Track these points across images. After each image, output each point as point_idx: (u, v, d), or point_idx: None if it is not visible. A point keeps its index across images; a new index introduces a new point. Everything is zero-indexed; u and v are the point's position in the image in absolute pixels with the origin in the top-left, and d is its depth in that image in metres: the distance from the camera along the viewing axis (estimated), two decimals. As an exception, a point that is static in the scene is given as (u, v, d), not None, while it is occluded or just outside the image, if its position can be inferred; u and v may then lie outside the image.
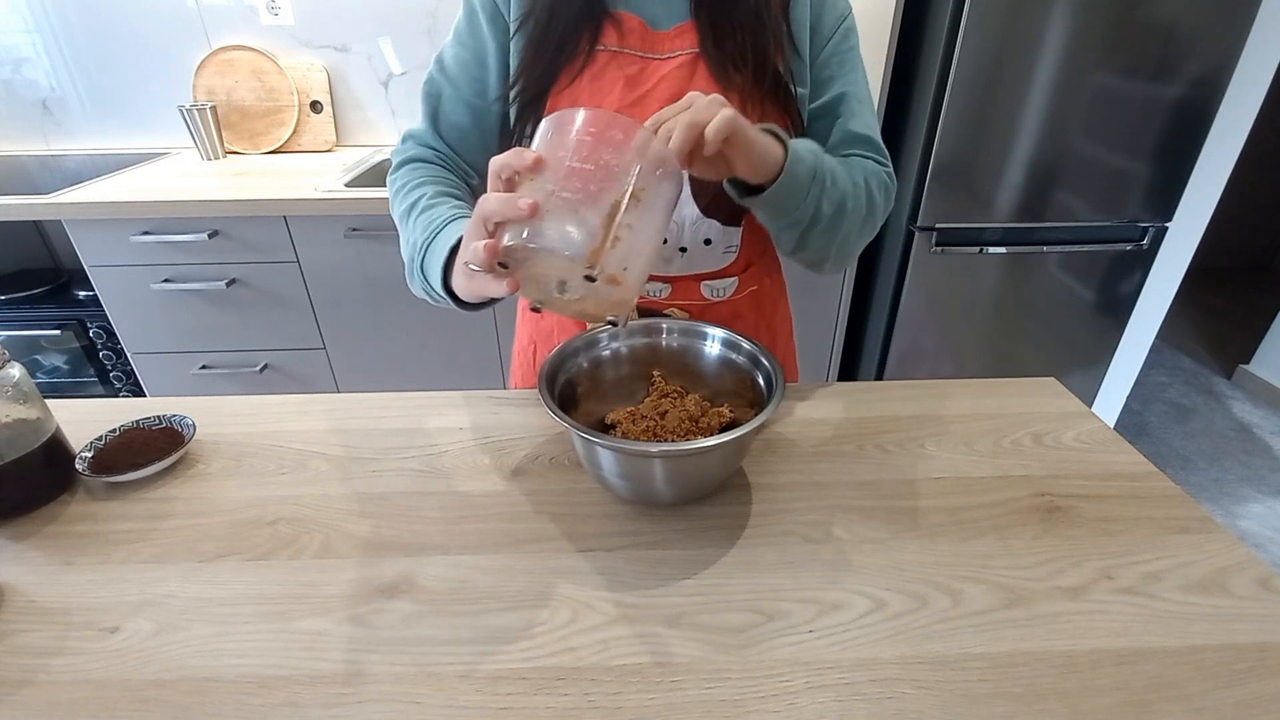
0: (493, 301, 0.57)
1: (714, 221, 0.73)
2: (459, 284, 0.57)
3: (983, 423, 0.72)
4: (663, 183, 0.49)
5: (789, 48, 0.70)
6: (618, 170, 0.46)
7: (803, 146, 0.59)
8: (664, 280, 0.76)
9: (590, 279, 0.45)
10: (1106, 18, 1.40)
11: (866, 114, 0.73)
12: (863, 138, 0.72)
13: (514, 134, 0.72)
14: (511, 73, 0.70)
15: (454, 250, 0.60)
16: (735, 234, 0.75)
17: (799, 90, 0.71)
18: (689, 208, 0.71)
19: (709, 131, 0.49)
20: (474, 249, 0.45)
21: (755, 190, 0.59)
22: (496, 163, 0.47)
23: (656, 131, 0.50)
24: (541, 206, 0.44)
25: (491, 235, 0.46)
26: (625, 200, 0.46)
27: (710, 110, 0.50)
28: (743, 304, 0.80)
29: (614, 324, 0.62)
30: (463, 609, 0.50)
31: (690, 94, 0.52)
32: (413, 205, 0.68)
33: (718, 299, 0.79)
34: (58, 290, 1.83)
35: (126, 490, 0.62)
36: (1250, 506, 2.00)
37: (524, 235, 0.44)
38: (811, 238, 0.64)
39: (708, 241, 0.74)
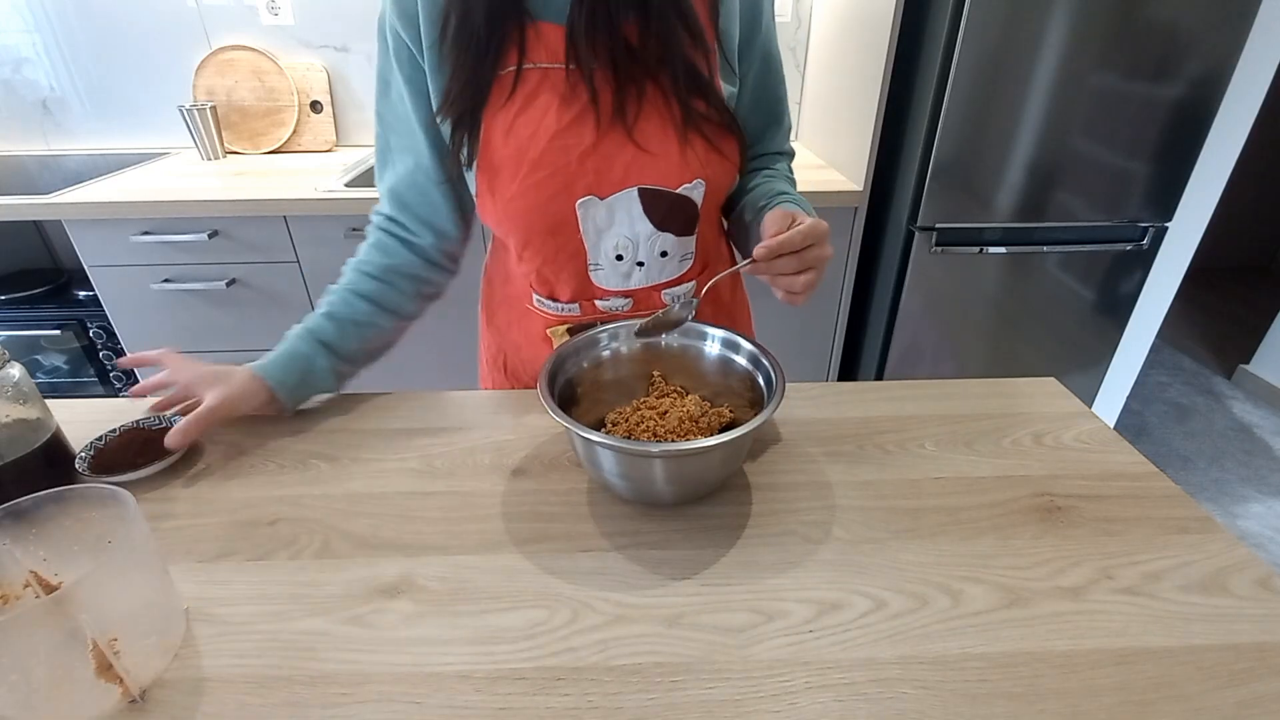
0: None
1: (668, 234, 0.72)
2: None
3: (983, 423, 0.72)
4: None
5: (721, 61, 0.68)
6: None
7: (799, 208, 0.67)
8: (624, 295, 0.76)
9: None
10: (1106, 18, 1.40)
11: (787, 96, 0.80)
12: (788, 131, 0.82)
13: (451, 152, 0.68)
14: (434, 90, 0.67)
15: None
16: (690, 242, 0.75)
17: (728, 88, 0.70)
18: (642, 224, 0.70)
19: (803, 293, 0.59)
20: None
21: None
22: None
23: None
24: None
25: None
26: None
27: (820, 270, 0.59)
28: (702, 303, 0.80)
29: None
30: (463, 609, 0.50)
31: (823, 231, 0.58)
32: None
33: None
34: (58, 290, 1.83)
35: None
36: (1250, 506, 2.00)
37: None
38: None
39: (664, 254, 0.74)
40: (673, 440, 0.60)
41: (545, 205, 0.68)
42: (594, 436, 0.52)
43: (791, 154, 0.84)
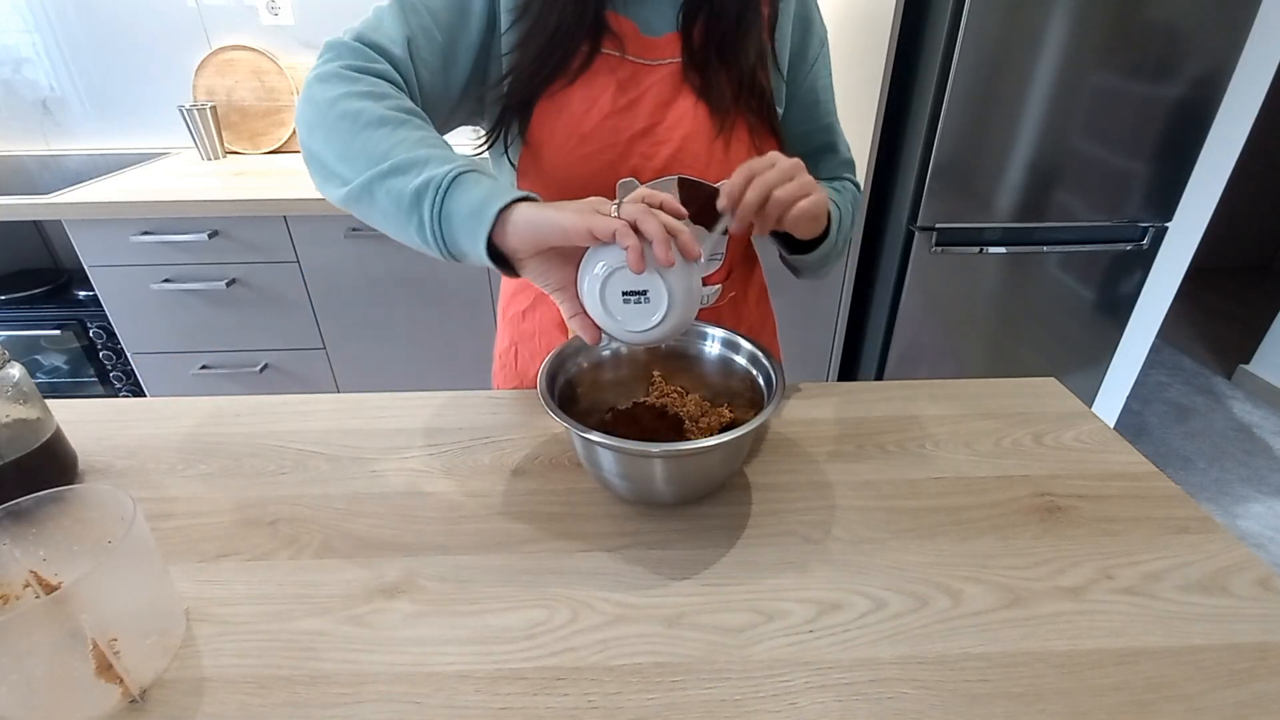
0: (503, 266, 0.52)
1: (700, 229, 0.72)
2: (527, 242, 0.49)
3: (983, 423, 0.72)
4: None
5: (772, 67, 0.70)
6: None
7: (833, 201, 0.68)
8: None
9: None
10: (1106, 18, 1.40)
11: (842, 130, 0.80)
12: (848, 162, 0.81)
13: (496, 132, 0.69)
14: (503, 68, 0.67)
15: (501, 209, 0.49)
16: (721, 242, 0.75)
17: (779, 110, 0.72)
18: None
19: (796, 203, 0.57)
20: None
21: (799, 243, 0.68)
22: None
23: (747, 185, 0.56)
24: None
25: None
26: None
27: (799, 180, 0.57)
28: (724, 310, 0.80)
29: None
30: (463, 609, 0.50)
31: (772, 154, 0.57)
32: (411, 126, 0.55)
33: (702, 306, 0.78)
34: (58, 290, 1.83)
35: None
36: (1250, 506, 2.00)
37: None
38: (814, 273, 0.76)
39: None
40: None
41: (587, 180, 0.68)
42: (594, 436, 0.52)
43: (856, 185, 0.81)
